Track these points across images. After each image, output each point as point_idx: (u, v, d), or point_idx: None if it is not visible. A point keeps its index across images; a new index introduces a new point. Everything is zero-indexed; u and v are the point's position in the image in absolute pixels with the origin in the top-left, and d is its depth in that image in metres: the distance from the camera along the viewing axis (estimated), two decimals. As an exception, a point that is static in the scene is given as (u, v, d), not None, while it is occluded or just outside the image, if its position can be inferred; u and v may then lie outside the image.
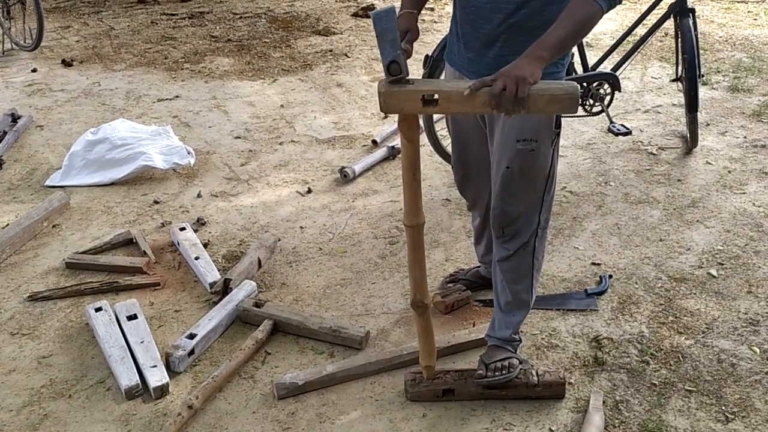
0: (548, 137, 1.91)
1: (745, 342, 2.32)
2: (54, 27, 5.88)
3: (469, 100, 1.61)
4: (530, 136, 1.89)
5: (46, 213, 3.01)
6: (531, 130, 1.89)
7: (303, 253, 2.86)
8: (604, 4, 1.68)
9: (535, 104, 1.60)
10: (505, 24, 1.85)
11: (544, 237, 2.08)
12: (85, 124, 3.99)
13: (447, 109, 1.68)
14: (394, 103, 1.63)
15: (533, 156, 1.92)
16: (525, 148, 1.91)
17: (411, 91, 1.61)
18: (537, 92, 1.59)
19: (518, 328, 2.17)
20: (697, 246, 2.84)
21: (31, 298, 2.56)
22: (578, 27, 1.69)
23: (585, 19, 1.68)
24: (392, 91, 1.62)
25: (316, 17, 6.08)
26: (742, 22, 5.66)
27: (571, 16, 1.68)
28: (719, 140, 3.73)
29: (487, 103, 1.60)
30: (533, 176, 1.96)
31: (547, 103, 1.60)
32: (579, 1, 1.68)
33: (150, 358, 2.19)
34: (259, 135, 3.93)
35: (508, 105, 1.57)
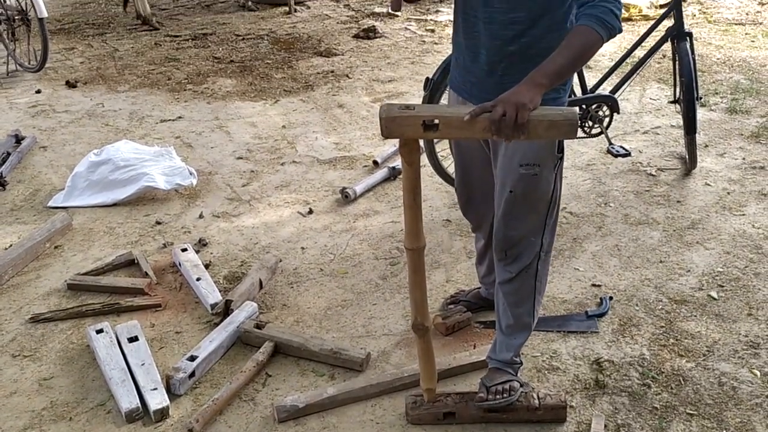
0: (551, 162, 1.93)
1: (746, 365, 2.32)
2: (58, 48, 5.93)
3: (470, 126, 1.63)
4: (533, 161, 1.91)
5: (49, 234, 3.03)
6: (533, 154, 1.91)
7: (304, 274, 2.87)
8: (603, 33, 1.71)
9: (534, 130, 1.62)
10: (504, 51, 1.88)
11: (547, 260, 2.09)
12: (89, 145, 4.02)
13: (447, 134, 1.70)
14: (395, 128, 1.65)
15: (536, 180, 1.94)
16: (528, 173, 1.93)
17: (412, 116, 1.63)
18: (536, 118, 1.61)
19: (519, 351, 2.17)
20: (697, 268, 2.85)
21: (33, 319, 2.56)
22: (578, 55, 1.71)
23: (585, 48, 1.71)
24: (393, 116, 1.64)
25: (318, 39, 6.14)
26: (739, 44, 5.71)
27: (571, 45, 1.71)
28: (718, 162, 3.75)
29: (487, 129, 1.62)
30: (536, 200, 1.97)
31: (546, 129, 1.62)
32: (579, 29, 1.71)
33: (150, 380, 2.19)
34: (260, 155, 3.95)
35: (508, 131, 1.59)
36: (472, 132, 1.65)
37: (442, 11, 6.99)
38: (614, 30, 1.72)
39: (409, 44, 5.98)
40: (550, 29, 1.83)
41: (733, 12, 6.53)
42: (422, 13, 6.97)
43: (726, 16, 6.42)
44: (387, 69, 5.37)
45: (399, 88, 4.96)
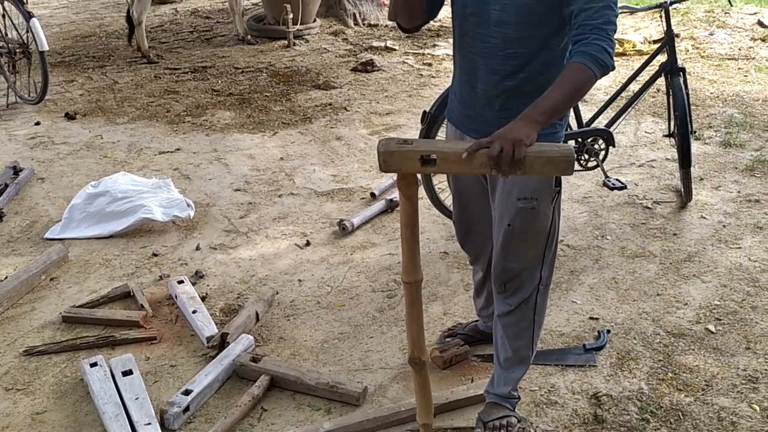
0: (548, 195, 1.95)
1: (745, 399, 2.31)
2: (58, 81, 5.98)
3: (467, 161, 1.64)
4: (530, 195, 1.94)
5: (45, 266, 3.02)
6: (531, 189, 1.93)
7: (301, 306, 2.86)
8: (597, 71, 1.73)
9: (531, 166, 1.64)
10: (502, 86, 1.90)
11: (546, 293, 2.10)
12: (87, 177, 4.03)
13: (445, 169, 1.71)
14: (393, 162, 1.67)
15: (534, 214, 1.95)
16: (525, 207, 1.95)
17: (410, 151, 1.64)
18: (534, 154, 1.63)
19: (517, 385, 2.16)
20: (695, 301, 2.85)
21: (27, 352, 2.54)
22: (572, 92, 1.74)
23: (579, 85, 1.73)
24: (391, 150, 1.65)
25: (316, 72, 6.20)
26: (732, 78, 5.78)
27: (566, 82, 1.73)
28: (713, 195, 3.78)
29: (484, 164, 1.63)
30: (534, 234, 1.99)
31: (543, 165, 1.64)
32: (573, 66, 1.74)
33: (144, 415, 2.17)
34: (258, 187, 3.96)
35: (505, 167, 1.60)
36: (470, 167, 1.67)
37: (440, 45, 7.08)
38: (607, 67, 1.75)
39: (406, 78, 6.05)
40: (547, 65, 1.86)
41: (725, 47, 6.63)
42: (419, 47, 7.06)
43: (719, 51, 6.52)
44: (385, 102, 5.42)
45: (396, 121, 5.00)
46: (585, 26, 1.75)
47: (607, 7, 1.75)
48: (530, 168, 1.64)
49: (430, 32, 7.64)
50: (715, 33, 6.98)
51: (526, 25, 1.83)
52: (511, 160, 1.59)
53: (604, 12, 1.75)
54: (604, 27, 1.75)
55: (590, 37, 1.74)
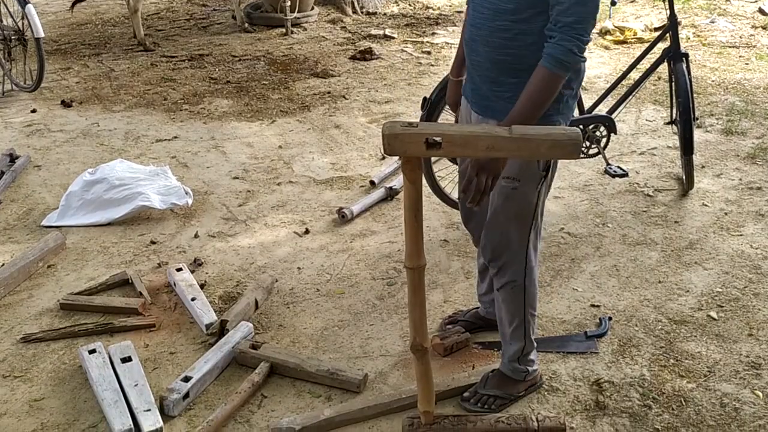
0: (532, 178, 1.96)
1: (748, 386, 2.30)
2: (54, 68, 5.93)
3: (472, 144, 1.62)
4: (513, 175, 1.96)
5: (42, 253, 2.99)
6: (515, 169, 1.95)
7: (300, 294, 2.84)
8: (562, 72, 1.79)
9: (538, 149, 1.62)
10: (492, 59, 1.93)
11: (533, 279, 2.12)
12: (84, 165, 4.00)
13: (451, 152, 1.69)
14: (398, 145, 1.64)
15: (515, 194, 1.98)
16: (508, 186, 1.98)
17: (415, 134, 1.62)
18: (540, 137, 1.61)
19: (523, 359, 2.17)
20: (696, 288, 2.83)
21: (25, 339, 2.52)
22: (538, 101, 1.81)
23: (544, 92, 1.81)
24: (396, 133, 1.63)
25: (315, 60, 6.16)
26: (734, 66, 5.75)
27: (531, 91, 1.82)
28: (715, 182, 3.76)
29: (490, 147, 1.62)
30: (515, 214, 2.02)
31: (549, 149, 1.62)
32: (538, 72, 1.81)
33: (144, 401, 2.15)
34: (257, 176, 3.94)
35: (470, 196, 1.84)
36: (474, 150, 1.65)
37: (438, 33, 7.04)
38: (571, 67, 1.80)
39: (405, 66, 6.01)
40: (536, 43, 1.86)
41: (727, 35, 6.60)
42: (418, 35, 7.02)
43: (720, 39, 6.48)
44: (384, 90, 5.38)
45: (396, 109, 4.97)
46: (556, 22, 1.77)
47: (579, 3, 1.73)
48: (537, 151, 1.63)
49: (429, 20, 7.59)
50: (716, 21, 6.94)
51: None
52: (475, 191, 1.81)
53: (576, 9, 1.74)
54: (574, 26, 1.75)
55: (557, 37, 1.77)
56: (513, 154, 1.70)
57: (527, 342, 2.17)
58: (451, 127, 1.72)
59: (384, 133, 1.63)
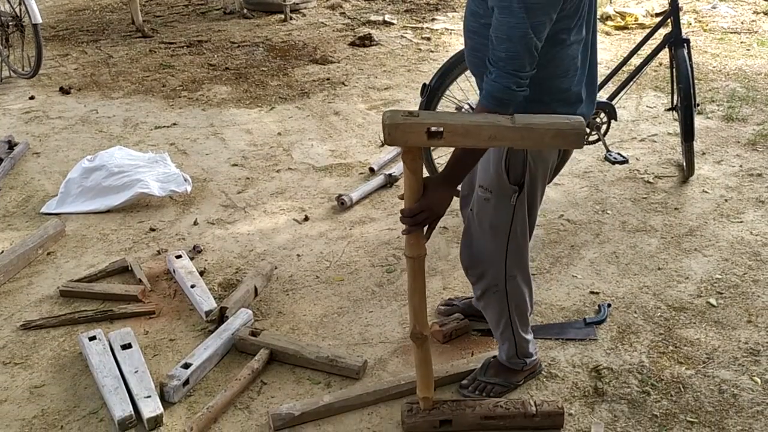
0: (504, 192, 1.91)
1: (746, 372, 2.30)
2: (52, 55, 5.90)
3: (474, 134, 1.61)
4: (486, 185, 1.94)
5: (41, 240, 2.99)
6: (488, 179, 1.93)
7: (300, 281, 2.84)
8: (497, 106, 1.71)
9: (541, 139, 1.61)
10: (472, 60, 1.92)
11: (518, 284, 2.07)
12: (82, 152, 3.99)
13: (453, 142, 1.67)
14: (399, 135, 1.63)
15: (487, 206, 1.95)
16: (481, 196, 1.96)
17: (416, 124, 1.61)
18: (544, 127, 1.60)
19: (519, 355, 2.17)
20: (696, 275, 2.83)
21: (25, 326, 2.52)
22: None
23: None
24: (397, 123, 1.61)
25: (314, 46, 6.13)
26: (735, 52, 5.72)
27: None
28: (715, 169, 3.75)
29: (492, 138, 1.61)
30: (489, 226, 1.98)
31: (553, 138, 1.61)
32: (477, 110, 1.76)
33: (144, 388, 2.16)
34: (256, 162, 3.93)
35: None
36: (477, 140, 1.63)
37: (439, 19, 7.00)
38: (515, 100, 1.71)
39: (405, 52, 5.98)
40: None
41: (728, 21, 6.56)
42: (418, 21, 6.97)
43: (721, 25, 6.44)
44: (383, 77, 5.36)
45: (395, 96, 4.95)
46: (492, 58, 1.72)
47: (506, 40, 1.66)
48: (540, 141, 1.62)
49: (429, 6, 7.55)
50: (717, 6, 6.90)
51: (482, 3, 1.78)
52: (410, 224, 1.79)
53: (506, 45, 1.66)
54: (508, 62, 1.68)
55: (494, 74, 1.70)
56: (517, 144, 1.67)
57: (518, 341, 2.15)
58: (453, 116, 1.71)
59: (384, 123, 1.61)
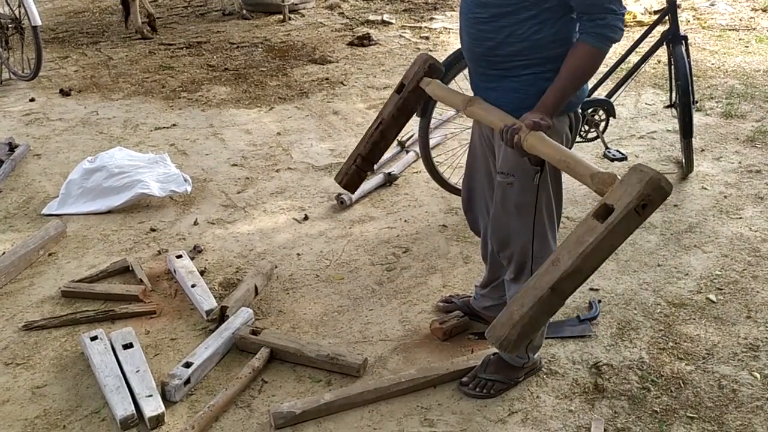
0: (526, 173, 1.97)
1: (746, 367, 2.31)
2: (52, 57, 5.92)
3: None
4: (507, 170, 1.99)
5: (43, 241, 3.00)
6: (509, 164, 1.98)
7: (300, 280, 2.85)
8: (603, 47, 1.81)
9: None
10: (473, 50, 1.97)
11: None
12: (83, 153, 4.00)
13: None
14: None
15: (510, 190, 2.01)
16: (503, 181, 2.01)
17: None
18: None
19: (529, 349, 2.19)
20: (695, 271, 2.84)
21: (26, 327, 2.53)
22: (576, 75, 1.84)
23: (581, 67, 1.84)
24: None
25: (313, 46, 6.14)
26: (733, 49, 5.73)
27: (569, 66, 1.83)
28: (714, 166, 3.75)
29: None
30: (513, 207, 2.03)
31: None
32: (576, 49, 1.83)
33: (145, 387, 2.17)
34: (255, 162, 3.93)
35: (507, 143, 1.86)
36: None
37: (437, 18, 7.01)
38: (615, 41, 1.83)
39: (403, 51, 5.99)
40: (512, 34, 1.87)
41: (726, 18, 6.57)
42: (416, 20, 6.98)
43: (720, 22, 6.45)
44: (382, 76, 5.37)
45: (394, 95, 4.95)
46: (591, 7, 1.80)
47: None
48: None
49: (427, 5, 7.56)
50: (716, 3, 6.90)
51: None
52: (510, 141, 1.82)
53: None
54: (608, 5, 1.79)
55: (603, 18, 1.79)
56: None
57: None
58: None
59: None
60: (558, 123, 1.94)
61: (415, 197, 3.50)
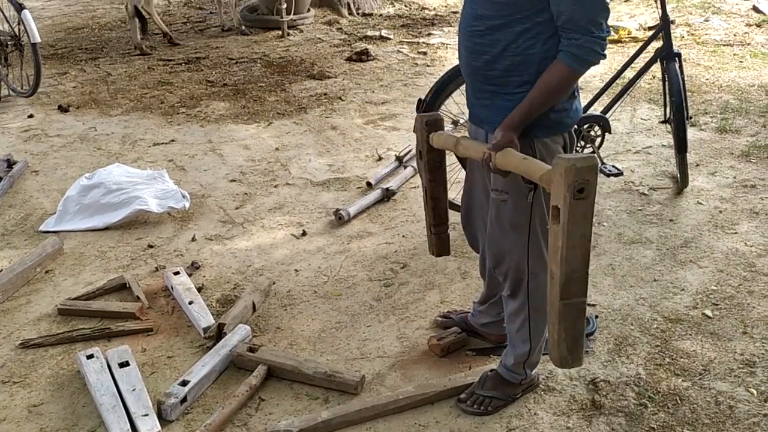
0: (520, 191, 1.98)
1: (743, 384, 2.31)
2: (51, 73, 5.94)
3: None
4: (501, 188, 2.00)
5: (40, 259, 3.00)
6: (502, 181, 1.98)
7: (298, 296, 2.85)
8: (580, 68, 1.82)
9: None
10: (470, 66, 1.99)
11: (540, 284, 2.09)
12: (81, 169, 4.01)
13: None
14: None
15: (505, 207, 2.01)
16: (497, 198, 2.02)
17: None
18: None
19: (526, 366, 2.18)
20: (691, 286, 2.85)
21: (23, 345, 2.53)
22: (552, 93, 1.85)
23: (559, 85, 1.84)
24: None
25: (311, 62, 6.17)
26: (728, 64, 5.77)
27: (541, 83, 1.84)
28: (709, 180, 3.77)
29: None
30: (508, 225, 2.04)
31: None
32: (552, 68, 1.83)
33: (142, 406, 2.16)
34: (254, 178, 3.95)
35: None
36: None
37: (434, 34, 7.06)
38: (591, 64, 1.84)
39: (401, 66, 6.02)
40: (507, 49, 1.88)
41: (720, 33, 6.62)
42: (414, 36, 7.03)
43: (714, 38, 6.50)
44: (380, 91, 5.40)
45: (392, 110, 4.98)
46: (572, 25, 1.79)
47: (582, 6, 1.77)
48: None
49: (425, 21, 7.61)
50: (710, 19, 6.96)
51: (490, 3, 1.87)
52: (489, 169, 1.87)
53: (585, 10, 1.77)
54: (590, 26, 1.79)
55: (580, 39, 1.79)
56: None
57: (533, 346, 2.16)
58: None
59: None
60: (550, 143, 1.96)
61: (413, 212, 3.51)
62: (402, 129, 4.62)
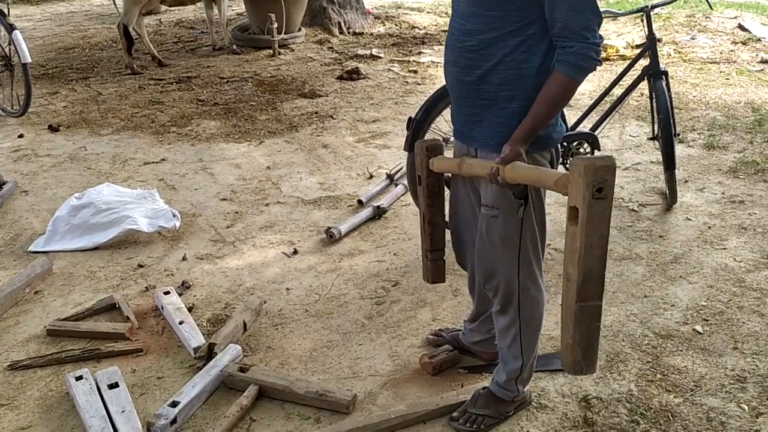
0: (510, 207, 1.98)
1: (734, 399, 2.31)
2: (42, 93, 5.94)
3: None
4: (492, 203, 2.01)
5: (29, 279, 2.98)
6: (493, 197, 2.00)
7: (289, 315, 2.84)
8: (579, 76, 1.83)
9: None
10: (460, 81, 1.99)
11: (530, 299, 2.10)
12: (71, 189, 4.00)
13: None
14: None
15: (495, 222, 2.02)
16: (488, 214, 2.03)
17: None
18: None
19: (517, 383, 2.18)
20: (682, 302, 2.86)
21: (12, 367, 2.50)
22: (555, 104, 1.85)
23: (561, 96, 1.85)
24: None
25: (302, 80, 6.20)
26: (714, 81, 5.84)
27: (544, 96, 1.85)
28: (698, 196, 3.80)
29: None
30: (498, 241, 2.04)
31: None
32: (552, 78, 1.84)
33: (131, 428, 2.14)
34: (245, 196, 3.95)
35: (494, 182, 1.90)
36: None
37: (425, 52, 7.11)
38: (589, 70, 1.84)
39: (392, 85, 6.06)
40: (501, 62, 1.89)
41: (707, 51, 6.71)
42: (405, 54, 7.09)
43: (700, 55, 6.59)
44: (371, 109, 5.42)
45: (383, 128, 5.01)
46: (568, 33, 1.81)
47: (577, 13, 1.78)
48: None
49: (415, 40, 7.67)
50: (696, 37, 7.05)
51: (481, 18, 1.88)
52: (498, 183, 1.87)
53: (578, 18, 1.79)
54: (584, 33, 1.80)
55: (575, 46, 1.80)
56: None
57: (525, 361, 2.16)
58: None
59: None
60: (539, 158, 1.97)
61: (404, 230, 3.51)
62: (393, 147, 4.64)
